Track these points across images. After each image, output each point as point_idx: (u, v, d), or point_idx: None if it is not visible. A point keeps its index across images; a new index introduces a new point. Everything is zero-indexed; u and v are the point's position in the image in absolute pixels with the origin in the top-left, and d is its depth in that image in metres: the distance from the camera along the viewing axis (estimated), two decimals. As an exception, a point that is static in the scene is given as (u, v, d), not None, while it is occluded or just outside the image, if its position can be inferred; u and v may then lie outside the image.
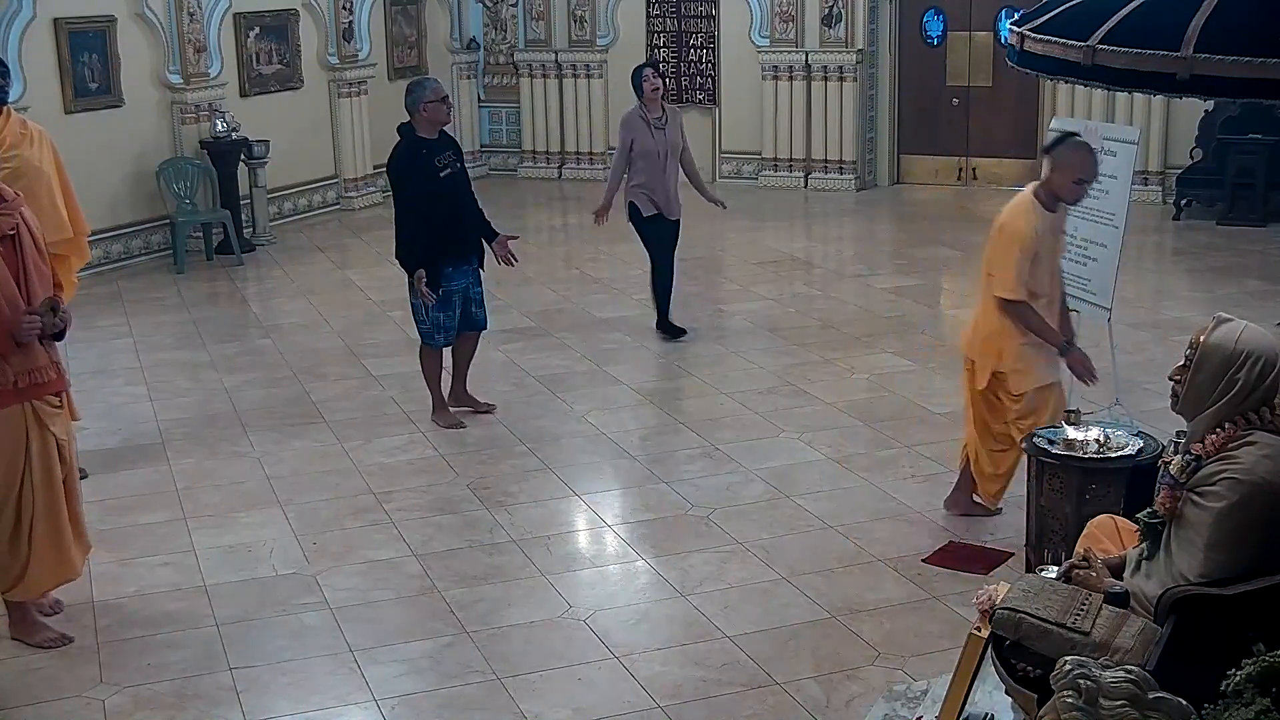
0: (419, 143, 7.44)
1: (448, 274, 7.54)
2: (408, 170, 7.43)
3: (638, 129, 9.27)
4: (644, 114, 9.30)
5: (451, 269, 7.55)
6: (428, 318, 7.62)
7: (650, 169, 9.23)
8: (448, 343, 7.76)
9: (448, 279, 7.54)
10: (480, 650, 5.29)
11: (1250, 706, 3.10)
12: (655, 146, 9.22)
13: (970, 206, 14.21)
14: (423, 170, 7.39)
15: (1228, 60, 3.18)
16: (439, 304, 7.55)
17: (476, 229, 7.76)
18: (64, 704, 5.00)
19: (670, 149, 9.31)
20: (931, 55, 14.93)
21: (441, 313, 7.60)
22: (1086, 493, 5.33)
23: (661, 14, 15.42)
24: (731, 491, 6.80)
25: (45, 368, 5.23)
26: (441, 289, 7.52)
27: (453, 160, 7.54)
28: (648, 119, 9.28)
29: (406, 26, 15.44)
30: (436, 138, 7.51)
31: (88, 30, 11.55)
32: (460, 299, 7.66)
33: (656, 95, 9.31)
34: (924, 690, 4.79)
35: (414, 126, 7.47)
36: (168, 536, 6.44)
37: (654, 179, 9.24)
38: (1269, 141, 12.61)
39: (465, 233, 7.62)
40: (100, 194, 11.33)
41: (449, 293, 7.58)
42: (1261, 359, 3.81)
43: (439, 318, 7.62)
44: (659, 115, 9.31)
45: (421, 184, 7.38)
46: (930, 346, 9.19)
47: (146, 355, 9.40)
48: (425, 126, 7.45)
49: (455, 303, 7.63)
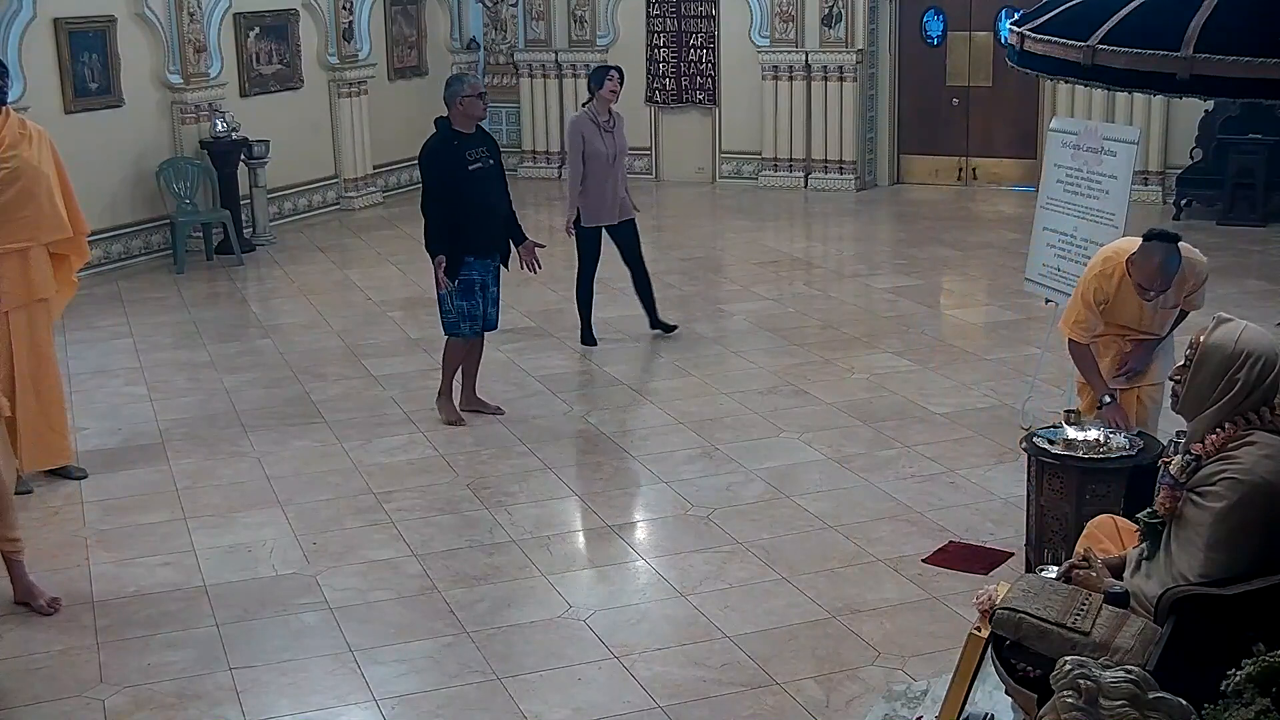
0: (452, 135, 7.58)
1: (469, 263, 7.59)
2: (435, 160, 7.57)
3: (588, 131, 9.19)
4: (593, 116, 9.24)
5: (473, 259, 7.60)
6: (453, 307, 7.68)
7: (598, 172, 9.18)
8: (474, 332, 7.77)
9: (468, 268, 7.59)
10: (480, 650, 5.29)
11: (1250, 706, 3.10)
12: (604, 149, 9.18)
13: (970, 206, 14.22)
14: (451, 162, 7.51)
15: (1228, 60, 3.18)
16: (462, 292, 7.61)
17: (505, 227, 7.84)
18: (64, 704, 5.00)
19: (619, 152, 9.29)
20: (931, 55, 14.93)
21: (465, 301, 7.65)
22: (1086, 493, 5.33)
23: (661, 14, 15.41)
24: (731, 491, 6.80)
25: None
26: (461, 278, 7.57)
27: (485, 156, 7.67)
28: (597, 122, 9.22)
29: (406, 26, 15.44)
30: (472, 132, 7.65)
31: (88, 30, 11.54)
32: (481, 289, 7.69)
33: (613, 99, 9.25)
34: (924, 690, 4.80)
35: (450, 119, 7.61)
36: (168, 536, 6.43)
37: (601, 182, 9.18)
38: (1269, 141, 12.61)
39: (491, 227, 7.68)
40: (100, 194, 11.33)
41: (470, 281, 7.62)
42: (1261, 359, 3.81)
43: (463, 306, 7.66)
44: (607, 119, 9.25)
45: (448, 175, 7.49)
46: (930, 346, 9.19)
47: (146, 355, 9.40)
48: (460, 120, 7.60)
49: (478, 292, 7.68)
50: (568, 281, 10.19)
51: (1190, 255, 5.77)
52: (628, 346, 9.37)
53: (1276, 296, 10.12)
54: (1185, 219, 13.01)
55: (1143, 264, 5.60)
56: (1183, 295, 5.81)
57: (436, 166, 7.56)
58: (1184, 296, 5.83)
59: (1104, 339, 5.99)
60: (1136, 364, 5.96)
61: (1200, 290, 5.87)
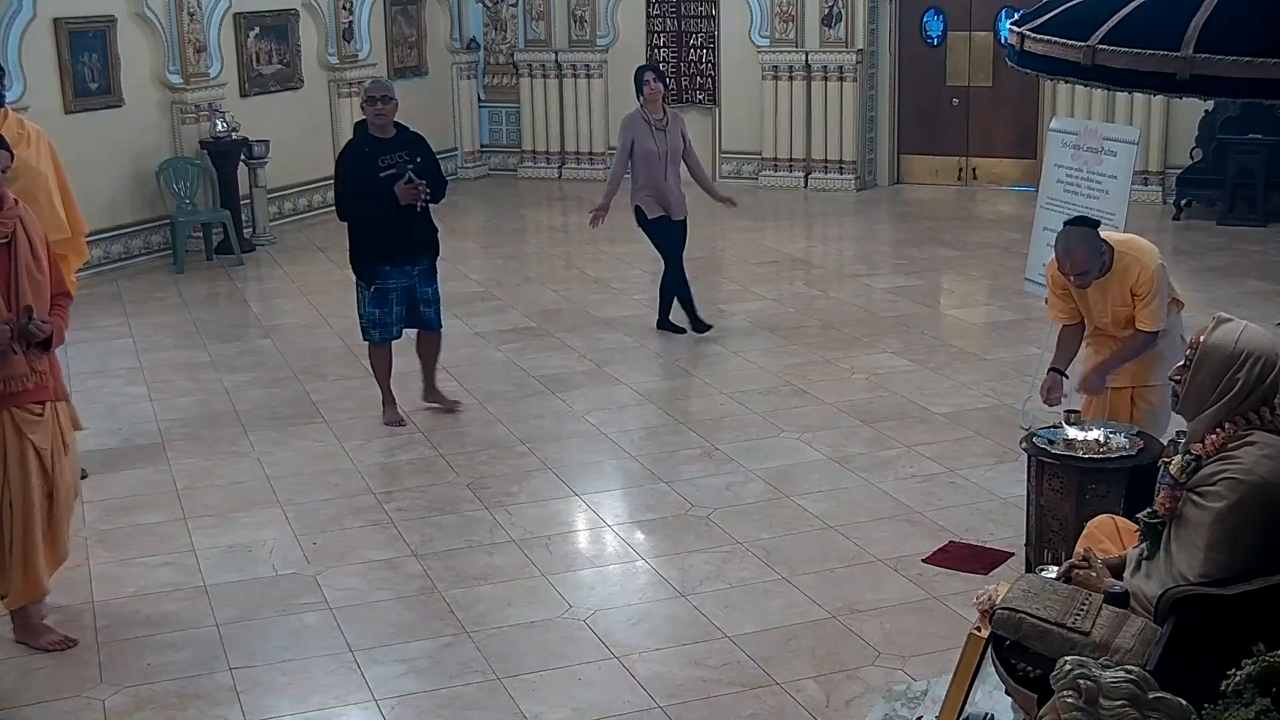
0: (364, 142, 7.56)
1: (384, 271, 7.59)
2: (342, 167, 7.63)
3: (638, 130, 9.31)
4: (645, 115, 9.35)
5: (389, 267, 7.58)
6: (364, 313, 7.72)
7: (650, 170, 9.27)
8: (383, 339, 7.77)
9: (384, 276, 7.60)
10: (480, 650, 5.29)
11: (1250, 706, 3.10)
12: (655, 148, 9.26)
13: (970, 206, 14.22)
14: (359, 168, 7.44)
15: (1228, 60, 3.17)
16: (375, 299, 7.63)
17: (426, 231, 7.73)
18: (64, 704, 5.00)
19: (671, 151, 9.35)
20: (931, 55, 14.93)
21: (376, 309, 7.66)
22: (1086, 493, 5.33)
23: (661, 14, 15.41)
24: (731, 491, 6.80)
25: (23, 376, 5.20)
26: (376, 285, 7.59)
27: (401, 161, 7.50)
28: (649, 120, 9.33)
29: (406, 26, 15.44)
30: (387, 136, 7.55)
31: (88, 30, 11.54)
32: (398, 297, 7.66)
33: (656, 98, 9.35)
34: (924, 690, 4.79)
35: (366, 124, 7.62)
36: (168, 536, 6.43)
37: (654, 181, 9.28)
38: (1269, 141, 12.60)
39: (410, 233, 7.57)
40: (100, 194, 11.33)
41: (384, 290, 7.62)
42: (1261, 359, 3.81)
43: (374, 314, 7.69)
44: (660, 117, 9.35)
45: (357, 182, 7.43)
46: (930, 346, 9.19)
47: (146, 355, 9.40)
48: (372, 125, 7.57)
49: (391, 301, 7.65)
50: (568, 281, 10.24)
51: (1135, 249, 5.80)
52: (628, 346, 9.37)
53: (1276, 296, 10.12)
54: (1185, 219, 13.02)
55: (1055, 245, 5.72)
56: (1129, 292, 5.76)
57: (345, 173, 7.56)
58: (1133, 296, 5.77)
59: (1097, 338, 6.01)
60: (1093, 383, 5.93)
61: (1150, 302, 5.71)
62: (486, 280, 11.05)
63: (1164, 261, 5.84)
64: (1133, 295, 5.75)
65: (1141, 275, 5.72)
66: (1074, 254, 5.62)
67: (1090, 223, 5.78)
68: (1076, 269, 5.65)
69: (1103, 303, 5.82)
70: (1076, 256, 5.62)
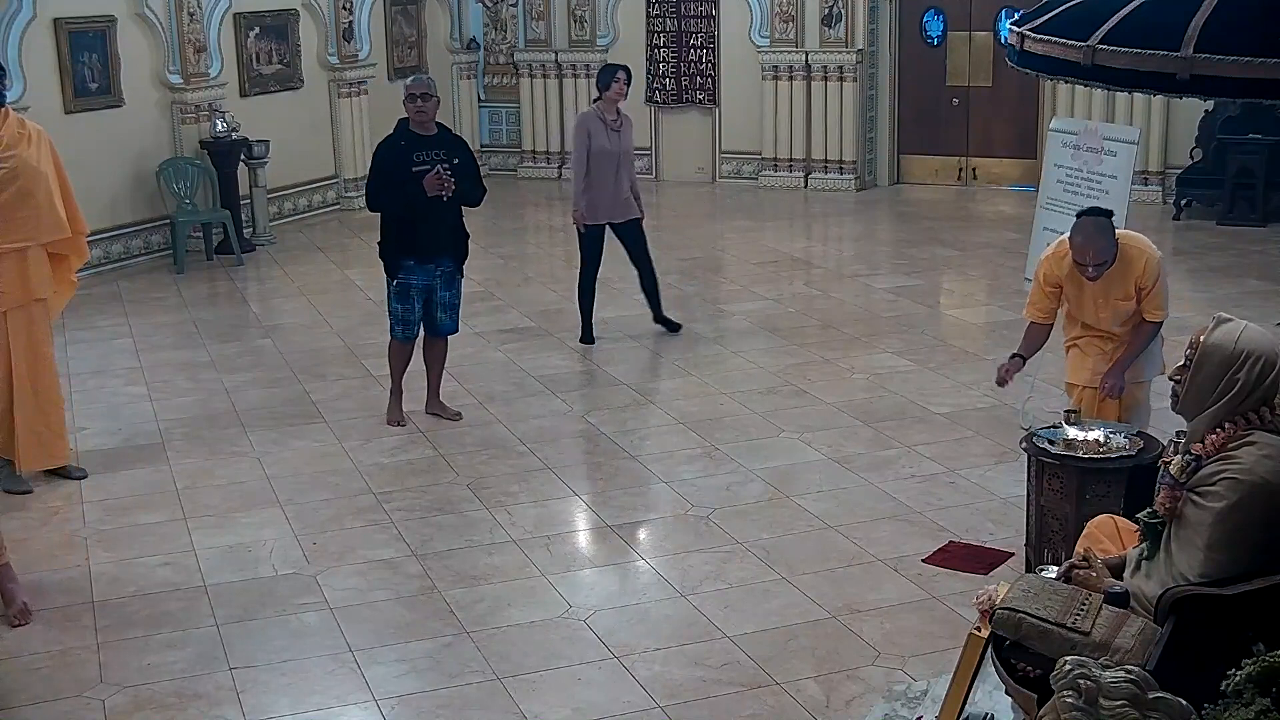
0: (402, 136, 7.58)
1: (408, 266, 7.60)
2: (378, 159, 7.65)
3: (595, 128, 9.20)
4: (601, 114, 9.25)
5: (414, 262, 7.59)
6: (390, 309, 7.75)
7: (603, 170, 9.18)
8: (405, 337, 7.78)
9: (407, 271, 7.61)
10: (480, 650, 5.29)
11: (1250, 706, 3.10)
12: (610, 148, 9.18)
13: (970, 206, 14.22)
14: (394, 161, 7.47)
15: (1228, 60, 3.17)
16: (398, 295, 7.66)
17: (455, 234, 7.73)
18: (64, 704, 4.99)
19: (624, 152, 9.29)
20: (931, 55, 14.93)
21: (400, 305, 7.68)
22: (1086, 493, 5.33)
23: (661, 14, 15.41)
24: (731, 491, 6.80)
25: None
26: (399, 280, 7.61)
27: (438, 159, 7.50)
28: (604, 120, 9.23)
29: (406, 26, 15.44)
30: (429, 134, 7.56)
31: (88, 30, 11.54)
32: (420, 295, 7.67)
33: (618, 99, 9.24)
34: (924, 690, 4.79)
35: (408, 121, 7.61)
36: (168, 536, 6.43)
37: (604, 181, 9.18)
38: (1269, 141, 12.60)
39: (436, 231, 7.58)
40: (100, 194, 11.34)
41: (405, 285, 7.64)
42: (1261, 359, 3.81)
43: (397, 310, 7.71)
44: (614, 118, 9.26)
45: (390, 176, 7.46)
46: (930, 346, 9.19)
47: (146, 355, 9.40)
48: (413, 122, 7.57)
49: (414, 297, 7.67)
50: (568, 281, 10.22)
51: (1135, 240, 5.84)
52: (628, 346, 9.37)
53: (1276, 296, 10.12)
54: (1185, 219, 13.02)
55: (1073, 236, 5.72)
56: (1132, 284, 5.78)
57: (378, 165, 7.60)
58: (1137, 289, 5.80)
59: (1084, 340, 6.02)
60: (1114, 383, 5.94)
61: (1156, 291, 5.80)
62: (486, 280, 11.04)
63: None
64: (1137, 288, 5.79)
65: (1148, 265, 5.76)
66: (1095, 242, 5.65)
67: (1105, 212, 5.83)
68: (1097, 259, 5.67)
69: (1104, 297, 5.83)
70: (1098, 244, 5.65)
